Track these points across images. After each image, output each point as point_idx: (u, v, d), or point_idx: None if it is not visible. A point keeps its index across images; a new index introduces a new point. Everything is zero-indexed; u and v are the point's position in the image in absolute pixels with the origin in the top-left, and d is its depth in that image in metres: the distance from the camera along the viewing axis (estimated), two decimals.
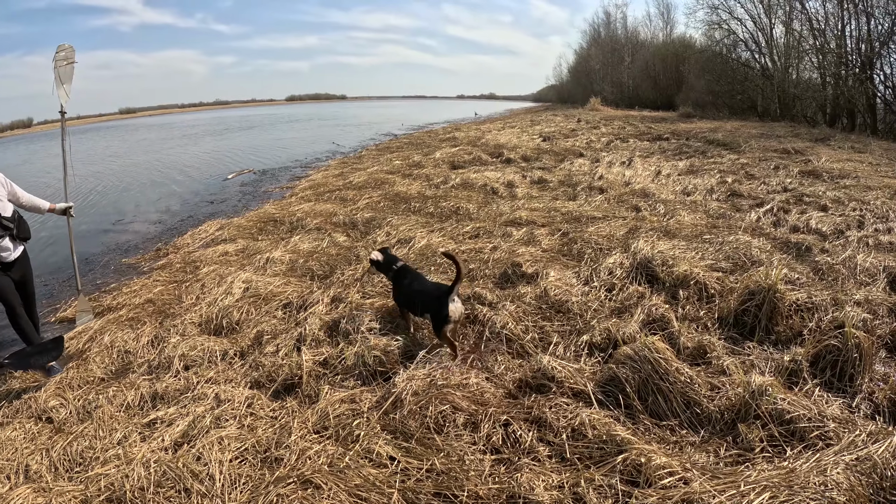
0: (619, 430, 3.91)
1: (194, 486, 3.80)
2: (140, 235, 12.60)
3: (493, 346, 5.41)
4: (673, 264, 6.57)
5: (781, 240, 7.97)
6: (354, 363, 5.19)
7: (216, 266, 8.63)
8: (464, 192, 12.86)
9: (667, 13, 58.69)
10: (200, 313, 6.84)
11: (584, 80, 67.33)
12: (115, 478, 3.94)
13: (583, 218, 9.71)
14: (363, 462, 3.90)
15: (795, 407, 3.90)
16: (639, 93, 54.20)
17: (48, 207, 6.55)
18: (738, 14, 34.65)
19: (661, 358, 4.36)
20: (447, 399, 4.40)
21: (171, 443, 4.35)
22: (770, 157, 15.66)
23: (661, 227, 8.65)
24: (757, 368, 4.61)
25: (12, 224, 6.00)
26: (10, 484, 4.09)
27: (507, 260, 7.44)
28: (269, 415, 4.69)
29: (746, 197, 10.98)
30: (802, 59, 30.70)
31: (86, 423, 4.73)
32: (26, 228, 6.28)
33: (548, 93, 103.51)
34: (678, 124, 28.30)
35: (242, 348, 5.94)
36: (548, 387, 4.55)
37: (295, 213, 11.73)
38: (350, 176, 16.35)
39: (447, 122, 50.18)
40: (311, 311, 6.44)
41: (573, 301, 6.11)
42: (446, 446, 3.97)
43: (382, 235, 9.39)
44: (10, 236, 6.03)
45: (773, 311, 5.31)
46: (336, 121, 63.24)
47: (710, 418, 4.06)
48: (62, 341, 6.01)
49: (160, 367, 5.69)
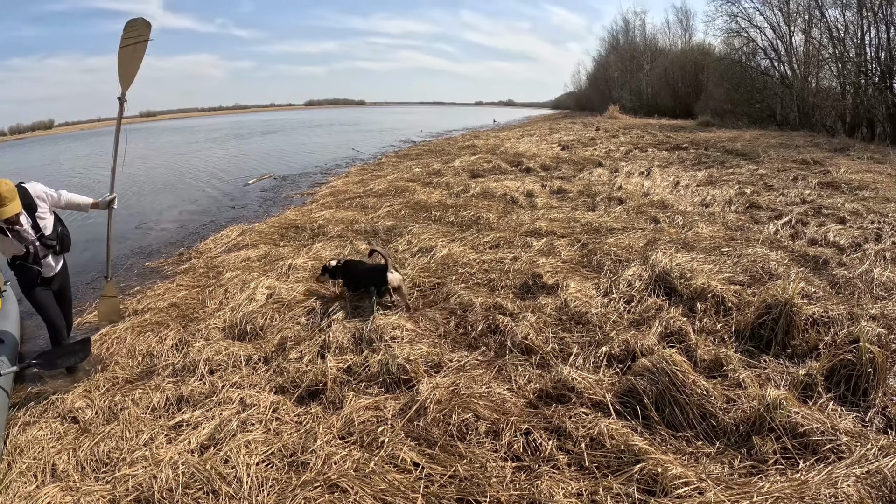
0: (637, 440, 3.98)
1: (222, 488, 3.88)
2: (163, 239, 12.71)
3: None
4: (691, 277, 6.62)
5: (799, 253, 7.98)
6: (378, 371, 5.26)
7: (239, 271, 8.72)
8: (484, 201, 12.91)
9: (685, 21, 58.60)
10: (224, 318, 6.92)
11: (603, 88, 67.14)
12: (143, 478, 4.02)
13: (602, 229, 9.75)
14: (388, 467, 3.98)
15: (809, 420, 3.95)
16: (657, 101, 53.99)
17: (91, 204, 6.45)
18: (758, 22, 34.46)
19: (679, 370, 4.42)
20: (470, 407, 4.50)
21: (198, 445, 4.42)
22: (789, 168, 15.63)
23: (680, 240, 8.68)
24: (772, 382, 4.65)
25: (55, 241, 6.01)
26: (38, 482, 4.18)
27: (527, 270, 7.50)
28: (293, 420, 4.76)
29: (765, 209, 10.98)
30: (822, 67, 30.44)
31: (112, 424, 4.81)
32: (68, 242, 6.28)
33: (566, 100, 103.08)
34: (697, 133, 28.20)
35: (266, 353, 6.01)
36: (568, 397, 4.63)
37: (316, 220, 11.82)
38: (370, 183, 16.44)
39: (466, 129, 50.10)
40: (335, 319, 6.50)
41: (593, 313, 6.17)
42: (469, 453, 4.06)
43: (404, 244, 9.43)
44: (53, 252, 6.07)
45: (790, 325, 5.33)
46: (354, 126, 63.22)
47: (725, 430, 4.11)
48: (89, 343, 6.08)
49: (185, 370, 5.78)
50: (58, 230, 6.08)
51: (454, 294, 6.89)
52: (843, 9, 27.80)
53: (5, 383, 5.34)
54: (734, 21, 36.00)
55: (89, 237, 12.27)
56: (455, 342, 5.92)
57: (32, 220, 5.78)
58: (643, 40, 64.10)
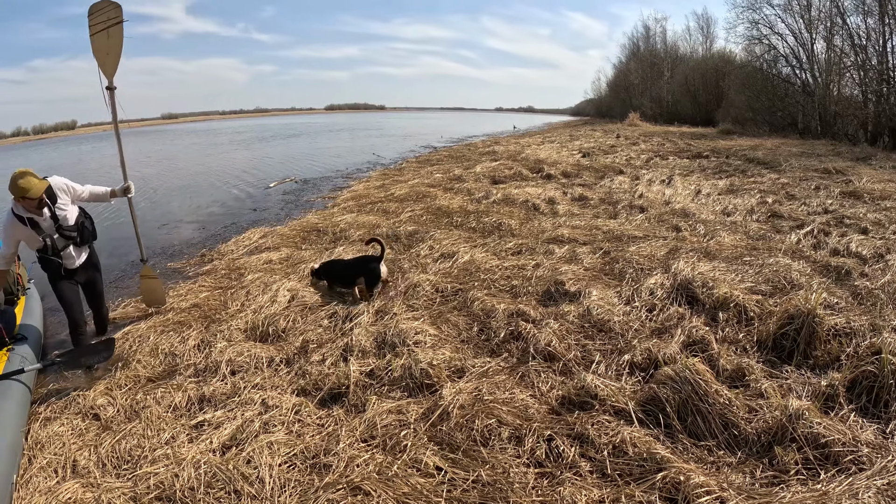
0: (659, 448, 4.00)
1: (244, 489, 3.91)
2: (185, 240, 12.85)
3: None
4: (713, 286, 6.62)
5: (821, 263, 7.92)
6: (401, 375, 5.29)
7: (261, 274, 8.79)
8: (505, 207, 12.93)
9: (706, 27, 58.26)
10: (246, 320, 6.97)
11: (623, 95, 66.82)
12: (165, 477, 4.07)
13: (624, 237, 9.74)
14: (411, 471, 4.00)
15: (830, 431, 3.95)
16: (678, 108, 53.78)
17: (109, 192, 6.58)
18: (779, 29, 34.30)
19: (702, 379, 4.43)
20: (493, 413, 4.53)
21: (219, 445, 4.47)
22: (811, 177, 15.54)
23: (702, 248, 8.65)
24: (794, 392, 4.64)
25: (74, 233, 6.15)
26: (59, 478, 4.23)
27: (549, 278, 7.52)
28: (316, 422, 4.79)
29: (787, 218, 10.92)
30: (843, 75, 30.21)
31: (134, 422, 4.87)
32: (90, 232, 6.44)
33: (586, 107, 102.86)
34: (718, 141, 28.11)
35: (288, 356, 6.05)
36: (590, 404, 4.64)
37: (338, 224, 11.88)
38: (392, 188, 16.49)
39: (486, 135, 50.20)
40: (357, 322, 6.54)
41: (615, 320, 6.18)
42: (492, 458, 4.08)
43: (425, 249, 9.48)
44: (74, 244, 6.20)
45: (812, 336, 5.31)
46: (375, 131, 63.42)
47: (747, 440, 4.12)
48: (113, 343, 6.17)
49: (207, 370, 5.83)
50: (79, 222, 6.21)
51: (477, 300, 6.90)
52: (865, 16, 27.68)
53: (28, 380, 5.48)
54: (755, 28, 35.95)
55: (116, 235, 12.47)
56: (478, 348, 5.94)
57: (52, 212, 5.94)
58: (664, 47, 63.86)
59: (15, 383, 5.22)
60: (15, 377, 5.29)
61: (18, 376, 5.32)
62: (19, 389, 5.19)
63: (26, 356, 5.87)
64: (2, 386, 5.11)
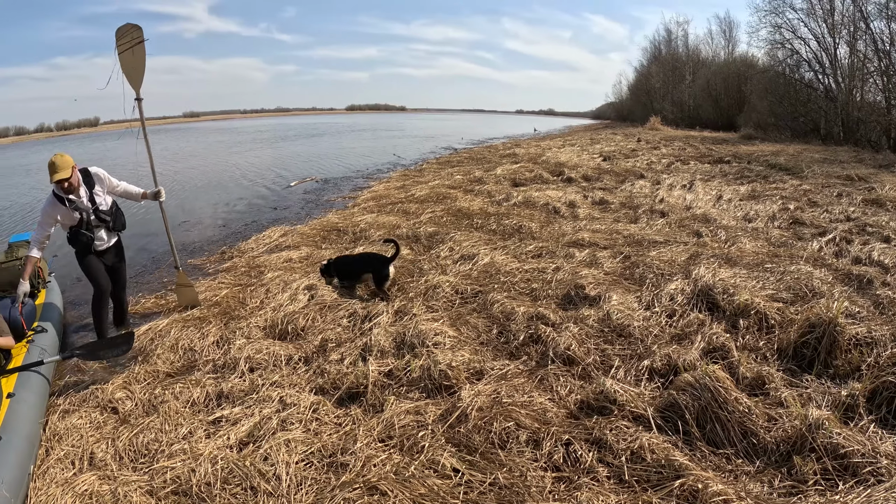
0: (678, 455, 3.98)
1: (261, 485, 3.93)
2: (205, 237, 12.96)
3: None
4: (734, 293, 6.56)
5: (843, 271, 7.85)
6: (420, 376, 5.28)
7: (280, 272, 8.85)
8: (526, 210, 12.93)
9: (729, 31, 58.02)
10: (265, 318, 7.00)
11: (645, 99, 66.67)
12: (182, 471, 4.09)
13: (644, 241, 9.70)
14: (428, 472, 4.00)
15: (850, 442, 3.91)
16: (699, 112, 53.52)
17: (141, 193, 6.95)
18: (802, 33, 33.99)
19: (721, 387, 4.40)
20: (511, 416, 4.52)
21: (237, 441, 4.49)
22: (833, 184, 15.42)
23: (723, 254, 8.60)
24: (814, 402, 4.60)
25: (109, 217, 6.64)
26: (76, 470, 4.26)
27: (570, 281, 7.49)
28: (333, 421, 4.79)
29: (808, 225, 10.85)
30: (867, 80, 29.94)
31: (151, 417, 4.90)
32: (122, 221, 6.90)
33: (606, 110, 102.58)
34: (739, 146, 27.93)
35: (307, 354, 6.08)
36: (609, 409, 4.63)
37: (358, 224, 11.92)
38: (412, 189, 16.55)
39: (506, 137, 50.26)
40: (376, 323, 6.55)
41: (635, 326, 6.14)
42: (509, 461, 4.07)
43: (445, 251, 9.49)
44: (106, 227, 6.66)
45: (833, 345, 5.26)
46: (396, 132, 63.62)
47: (765, 449, 4.09)
48: (133, 337, 6.23)
49: (225, 367, 5.87)
50: (113, 208, 6.67)
51: (496, 302, 6.90)
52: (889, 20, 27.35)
53: (47, 372, 5.54)
54: (778, 32, 35.60)
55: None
56: (497, 350, 5.94)
57: (90, 195, 6.46)
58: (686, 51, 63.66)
59: (34, 375, 5.28)
60: (34, 369, 5.35)
61: (37, 368, 5.39)
62: (38, 381, 5.25)
63: (46, 348, 5.94)
64: (21, 377, 5.17)
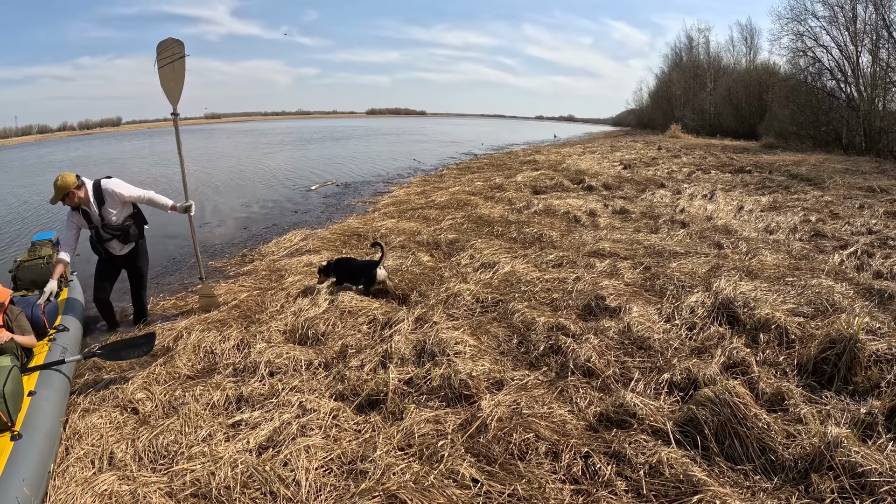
0: (696, 470, 3.97)
1: (280, 491, 3.96)
2: (226, 239, 13.09)
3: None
4: (755, 306, 6.54)
5: (864, 285, 7.79)
6: (440, 385, 5.30)
7: (301, 276, 8.96)
8: (546, 218, 12.92)
9: (750, 38, 57.75)
10: (286, 322, 7.06)
11: (665, 106, 66.33)
12: (201, 474, 4.13)
13: (665, 252, 9.68)
14: (447, 482, 4.01)
15: (868, 461, 3.89)
16: (720, 120, 53.18)
17: (171, 206, 7.18)
18: (824, 41, 33.88)
19: (741, 402, 4.39)
20: (531, 427, 4.53)
21: (256, 445, 4.52)
22: (855, 195, 15.34)
23: (744, 267, 8.56)
24: (833, 419, 4.58)
25: (118, 232, 7.03)
26: (95, 469, 4.32)
27: (590, 292, 7.46)
28: (353, 428, 4.82)
29: (830, 238, 10.79)
30: (889, 90, 29.76)
31: (171, 418, 4.95)
32: (135, 234, 7.22)
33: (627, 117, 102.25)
34: (760, 156, 27.74)
35: (327, 360, 6.10)
36: (628, 423, 4.63)
37: (378, 229, 12.04)
38: (432, 195, 16.59)
39: (527, 143, 50.32)
40: (397, 329, 6.57)
41: (655, 338, 6.13)
42: (528, 473, 4.08)
43: (466, 258, 9.50)
44: (117, 239, 6.99)
45: (853, 361, 5.22)
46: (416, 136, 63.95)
47: (783, 466, 4.07)
48: (154, 338, 6.27)
49: (245, 370, 5.90)
50: (124, 224, 7.00)
51: (517, 312, 6.90)
52: None
53: (68, 370, 5.63)
54: (800, 40, 35.56)
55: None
56: (517, 360, 5.95)
57: (100, 210, 6.87)
58: (707, 58, 63.45)
59: (55, 373, 5.34)
60: (55, 367, 5.42)
61: (59, 367, 5.46)
62: (59, 380, 5.31)
63: (67, 346, 6.04)
64: (42, 375, 5.23)
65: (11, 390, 4.38)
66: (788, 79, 38.56)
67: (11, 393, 4.37)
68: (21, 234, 14.84)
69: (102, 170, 31.32)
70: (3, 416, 4.25)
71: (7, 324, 5.66)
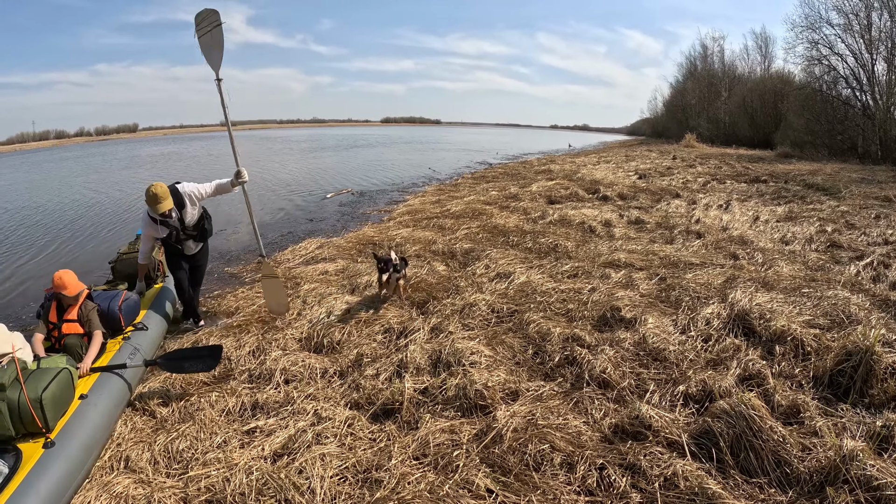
0: (711, 483, 3.98)
1: (295, 498, 4.00)
2: (242, 246, 13.18)
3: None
4: (770, 318, 6.53)
5: (880, 297, 7.76)
6: (456, 394, 5.32)
7: (317, 284, 9.03)
8: (561, 228, 12.93)
9: (765, 47, 57.51)
10: (301, 330, 7.14)
11: (680, 115, 66.04)
12: (216, 480, 4.19)
13: (680, 263, 9.66)
14: (462, 492, 4.03)
15: (883, 474, 3.87)
16: (735, 129, 52.84)
17: (230, 182, 7.27)
18: (839, 49, 33.68)
19: (757, 415, 4.39)
20: (546, 438, 4.55)
21: (271, 453, 4.57)
22: (871, 205, 15.27)
23: (759, 278, 8.54)
24: (848, 432, 4.56)
25: (194, 233, 7.33)
26: (113, 472, 4.38)
27: (605, 303, 7.47)
28: (368, 436, 4.85)
29: (846, 248, 10.74)
30: None
31: (187, 424, 4.99)
32: (206, 232, 7.53)
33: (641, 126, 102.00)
34: (776, 165, 27.61)
35: (342, 368, 6.15)
36: (643, 434, 4.64)
37: (394, 238, 12.10)
38: (447, 204, 16.65)
39: (541, 152, 50.40)
40: (412, 339, 6.62)
41: (670, 350, 6.13)
42: (543, 484, 4.11)
43: (481, 268, 9.53)
44: (192, 239, 7.23)
45: (869, 374, 5.21)
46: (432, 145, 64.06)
47: (798, 479, 4.06)
48: (220, 351, 5.99)
49: (261, 377, 5.98)
50: (201, 224, 7.42)
51: (532, 322, 6.91)
52: None
53: (131, 376, 5.52)
54: (815, 48, 35.34)
55: None
56: (532, 371, 5.96)
57: (179, 214, 7.07)
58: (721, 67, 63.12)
59: (114, 377, 5.26)
60: (116, 371, 5.33)
61: (120, 370, 5.36)
62: (117, 385, 5.22)
63: (139, 347, 5.99)
64: (101, 378, 5.16)
65: (54, 395, 4.32)
66: (803, 87, 38.22)
67: (53, 398, 4.31)
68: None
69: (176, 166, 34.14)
70: (39, 422, 4.18)
71: (80, 318, 5.70)
